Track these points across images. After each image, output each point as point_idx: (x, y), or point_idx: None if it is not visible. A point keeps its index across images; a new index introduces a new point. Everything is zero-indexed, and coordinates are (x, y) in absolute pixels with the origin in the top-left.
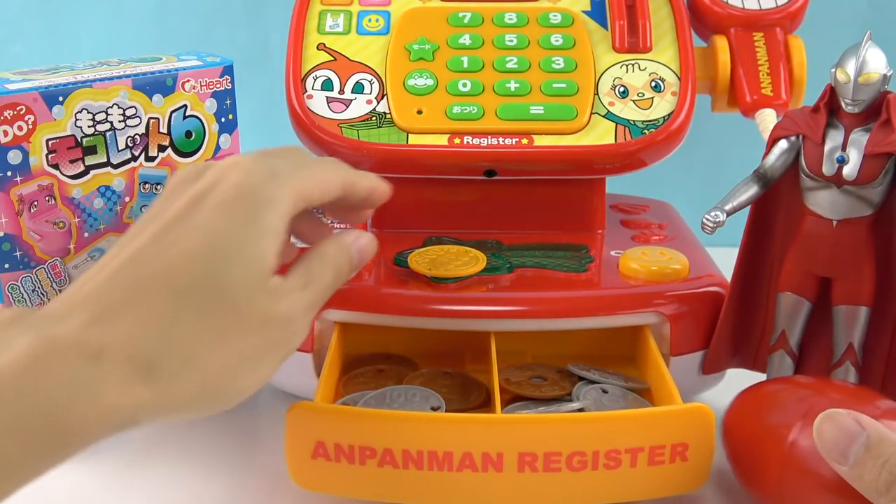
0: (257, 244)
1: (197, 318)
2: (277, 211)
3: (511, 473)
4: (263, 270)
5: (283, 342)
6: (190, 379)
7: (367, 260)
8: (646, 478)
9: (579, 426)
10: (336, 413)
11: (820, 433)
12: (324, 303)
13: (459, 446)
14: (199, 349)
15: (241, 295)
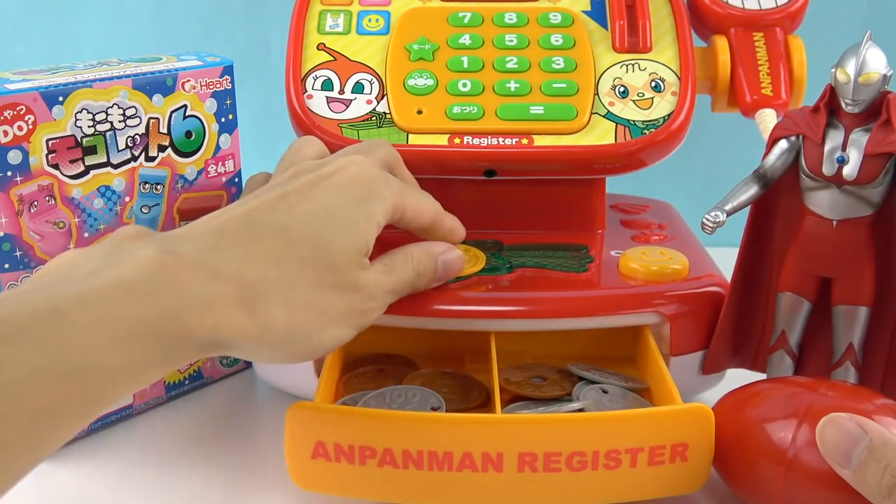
0: (363, 223)
1: (300, 267)
2: (382, 206)
3: (511, 473)
4: (361, 246)
5: (363, 311)
6: (283, 316)
7: (452, 274)
8: (646, 478)
9: (579, 426)
10: (336, 413)
11: (822, 437)
12: (402, 294)
13: (459, 446)
14: (296, 292)
15: (340, 257)
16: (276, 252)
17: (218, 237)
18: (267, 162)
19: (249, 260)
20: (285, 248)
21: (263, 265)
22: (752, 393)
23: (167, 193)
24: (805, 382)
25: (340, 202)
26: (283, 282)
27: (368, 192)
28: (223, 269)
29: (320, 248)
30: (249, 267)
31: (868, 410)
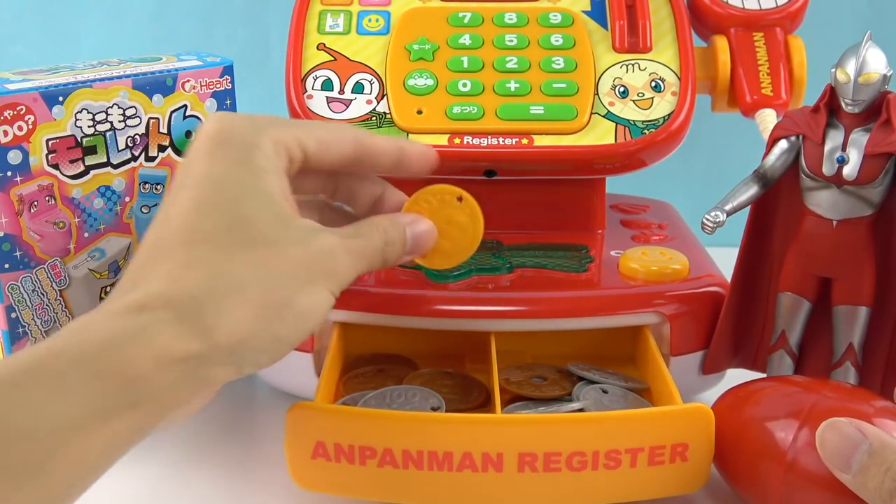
0: (259, 181)
1: (227, 255)
2: (263, 152)
3: (511, 473)
4: (277, 207)
5: (328, 273)
6: (240, 307)
7: (422, 248)
8: (646, 478)
9: (579, 426)
10: (336, 413)
11: (822, 442)
12: (372, 264)
13: (459, 446)
14: (239, 278)
15: (263, 227)
16: (195, 258)
17: (133, 276)
18: None
19: (169, 276)
20: (203, 247)
21: (187, 273)
22: (753, 392)
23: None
24: (805, 382)
25: (221, 171)
26: (218, 277)
27: (237, 146)
28: (147, 300)
29: (237, 226)
30: (171, 282)
31: (868, 413)
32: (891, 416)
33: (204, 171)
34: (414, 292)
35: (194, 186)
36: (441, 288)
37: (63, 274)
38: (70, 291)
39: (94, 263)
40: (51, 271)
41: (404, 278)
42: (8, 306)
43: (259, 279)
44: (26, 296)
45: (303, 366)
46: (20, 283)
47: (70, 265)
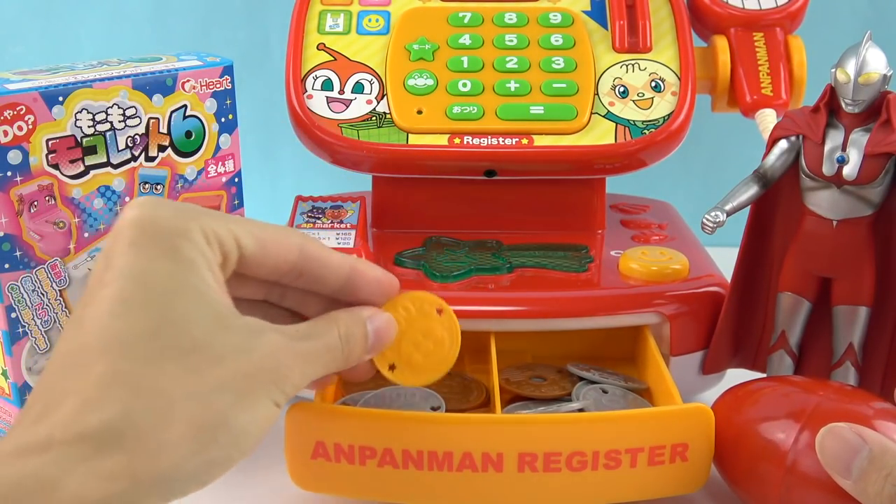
0: (189, 276)
1: (152, 367)
2: (193, 243)
3: (511, 473)
4: (211, 306)
5: (271, 381)
6: (170, 424)
7: (383, 344)
8: (646, 478)
9: (579, 426)
10: (336, 413)
11: (822, 447)
12: (329, 367)
13: (459, 446)
14: (166, 396)
15: (195, 331)
16: (114, 371)
17: (40, 403)
18: (267, 162)
19: (83, 399)
20: (122, 359)
21: (105, 394)
22: (754, 392)
23: (167, 193)
24: (805, 383)
25: (145, 265)
26: (143, 393)
27: (163, 235)
28: (53, 433)
29: (161, 333)
30: (87, 406)
31: (868, 415)
32: (891, 418)
33: (126, 265)
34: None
35: (115, 282)
36: (441, 288)
37: (63, 274)
38: (70, 291)
39: (94, 263)
40: (51, 271)
41: (405, 278)
42: (8, 306)
43: (189, 395)
44: (26, 296)
45: None
46: (20, 283)
47: (70, 265)
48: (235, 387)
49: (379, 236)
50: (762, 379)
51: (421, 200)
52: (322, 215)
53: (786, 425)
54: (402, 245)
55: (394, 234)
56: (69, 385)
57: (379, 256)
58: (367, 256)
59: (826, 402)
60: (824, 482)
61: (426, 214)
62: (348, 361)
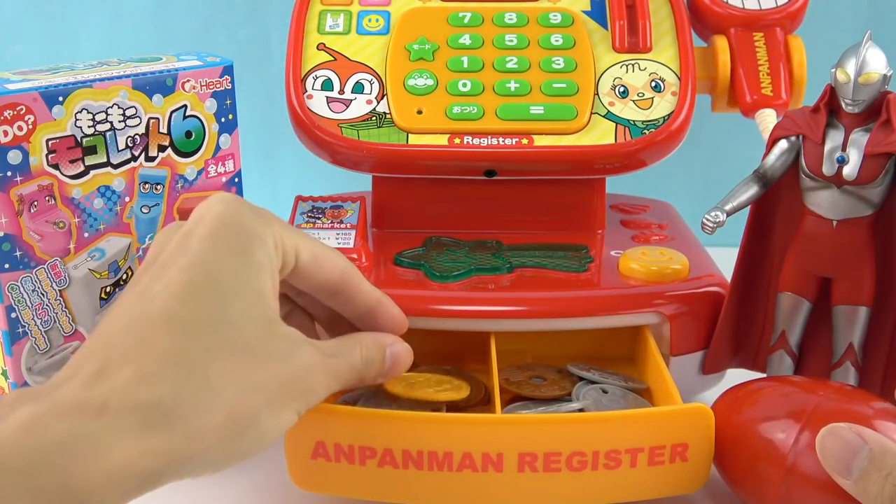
0: (254, 278)
1: (207, 355)
2: (265, 247)
3: (511, 473)
4: (266, 309)
5: (301, 392)
6: (211, 413)
7: (399, 369)
8: (646, 478)
9: (579, 426)
10: (336, 413)
11: (823, 448)
12: (346, 383)
13: (459, 446)
14: (212, 384)
15: (249, 331)
16: (172, 350)
17: (98, 362)
18: (267, 162)
19: (142, 371)
20: (182, 339)
21: (162, 370)
22: (754, 392)
23: (167, 193)
24: (805, 383)
25: (218, 258)
26: (194, 378)
27: (241, 234)
28: (111, 398)
29: (221, 326)
30: (145, 379)
31: (869, 415)
32: (891, 418)
33: (200, 252)
34: (414, 293)
35: (189, 269)
36: (441, 288)
37: (63, 274)
38: (70, 291)
39: (94, 263)
40: (51, 271)
41: (405, 278)
42: (8, 306)
43: (232, 389)
44: (26, 296)
45: None
46: (20, 283)
47: (70, 265)
48: (271, 391)
49: (379, 236)
50: (762, 379)
51: (421, 200)
52: (322, 215)
53: (786, 425)
54: (402, 245)
55: (394, 234)
56: (130, 353)
57: (379, 256)
58: (367, 256)
59: (826, 402)
60: (824, 482)
61: (426, 214)
62: (363, 381)
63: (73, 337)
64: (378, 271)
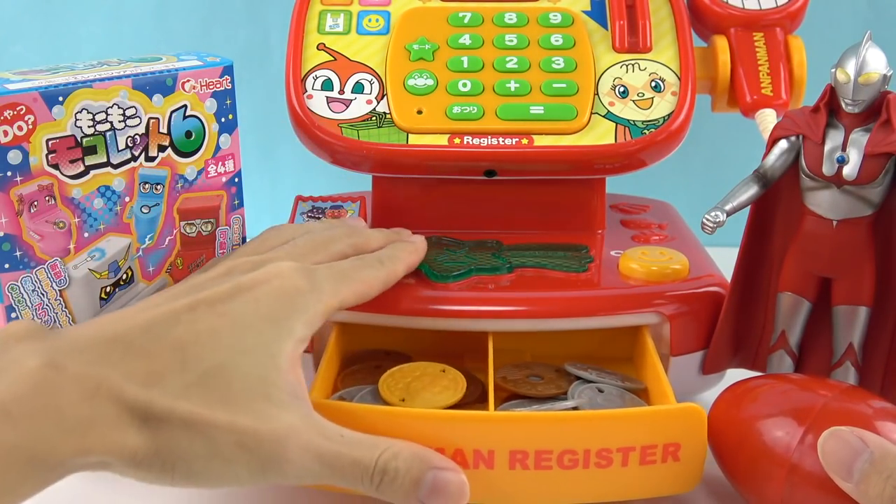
0: (274, 343)
1: (185, 391)
2: (306, 320)
3: (502, 470)
4: (266, 371)
5: (267, 459)
6: (184, 436)
7: (442, 499)
8: (637, 477)
9: (570, 424)
10: (333, 409)
11: (824, 451)
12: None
13: (451, 443)
14: (195, 414)
15: (235, 385)
16: (164, 372)
17: (108, 348)
18: (267, 162)
19: (143, 375)
20: (177, 369)
21: (148, 384)
22: (757, 389)
23: (167, 193)
24: (808, 382)
25: (252, 321)
26: (179, 402)
27: (290, 307)
28: (105, 387)
29: (211, 372)
30: (132, 385)
31: (869, 415)
32: (893, 418)
33: (240, 309)
34: (414, 292)
35: (219, 316)
36: (441, 288)
37: (63, 274)
38: (70, 291)
39: (94, 263)
40: (51, 271)
41: (404, 280)
42: (8, 306)
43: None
44: (26, 296)
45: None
46: (20, 283)
47: (70, 265)
48: (228, 451)
49: None
50: (765, 376)
51: (421, 200)
52: (322, 215)
53: (791, 424)
54: None
55: None
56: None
57: None
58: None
59: (834, 402)
60: (827, 482)
61: (426, 214)
62: (370, 491)
63: None
64: None
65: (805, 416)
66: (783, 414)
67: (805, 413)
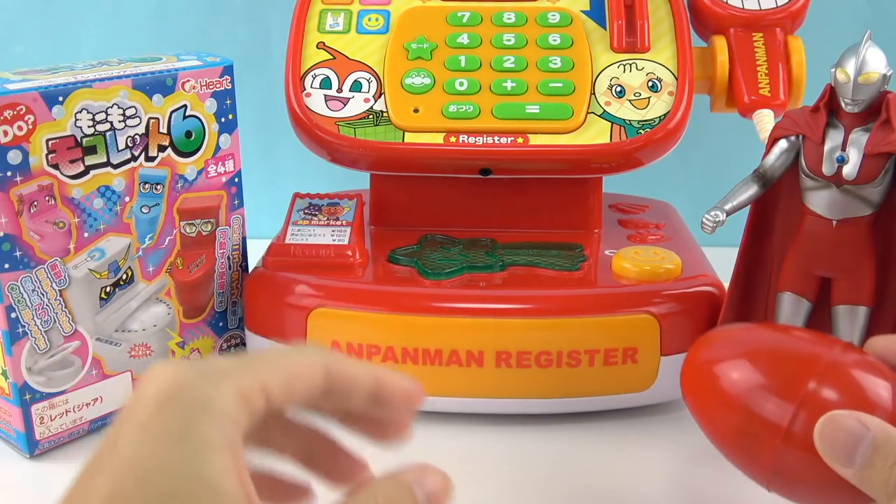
0: (197, 464)
1: None
2: (215, 415)
3: (490, 368)
4: (220, 498)
5: None
6: None
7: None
8: (602, 376)
9: (545, 330)
10: (348, 317)
11: (822, 436)
12: None
13: (448, 345)
14: None
15: None
16: None
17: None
18: (267, 161)
19: None
20: None
21: None
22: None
23: (167, 193)
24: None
25: (151, 451)
26: None
27: (183, 410)
28: None
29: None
30: None
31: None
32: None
33: (130, 452)
34: (406, 289)
35: (115, 472)
36: (433, 285)
37: (63, 274)
38: (70, 291)
39: (93, 263)
40: (51, 271)
41: (398, 275)
42: (8, 306)
43: None
44: (26, 296)
45: None
46: (20, 283)
47: (70, 265)
48: None
49: (377, 233)
50: (757, 326)
51: (417, 198)
52: (318, 212)
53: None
54: (398, 242)
55: (391, 232)
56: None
57: (376, 253)
58: (362, 253)
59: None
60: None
61: (423, 212)
62: None
63: (72, 337)
64: (373, 268)
65: (799, 385)
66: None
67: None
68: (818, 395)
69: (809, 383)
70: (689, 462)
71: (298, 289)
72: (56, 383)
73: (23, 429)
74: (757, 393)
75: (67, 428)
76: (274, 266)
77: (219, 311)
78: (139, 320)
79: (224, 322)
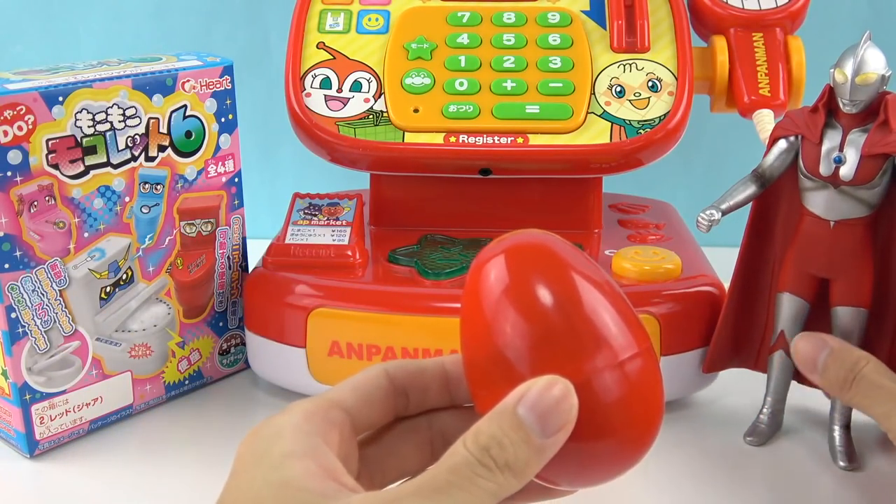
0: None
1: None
2: (286, 434)
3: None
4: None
5: None
6: None
7: (561, 427)
8: None
9: None
10: (348, 317)
11: (797, 350)
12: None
13: (448, 345)
14: None
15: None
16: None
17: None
18: (267, 162)
19: None
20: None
21: None
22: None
23: (167, 193)
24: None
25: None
26: None
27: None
28: None
29: None
30: None
31: None
32: None
33: (226, 497)
34: (406, 289)
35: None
36: (433, 285)
37: (63, 274)
38: (70, 291)
39: (94, 263)
40: (51, 271)
41: (398, 275)
42: (8, 306)
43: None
44: (26, 296)
45: (297, 362)
46: (20, 283)
47: (70, 265)
48: None
49: (377, 233)
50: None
51: (417, 198)
52: (318, 212)
53: None
54: (398, 242)
55: (391, 232)
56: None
57: (376, 253)
58: (362, 253)
59: None
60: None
61: (423, 212)
62: (508, 484)
63: (72, 337)
64: (373, 268)
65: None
66: None
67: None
68: None
69: None
70: (688, 462)
71: (298, 289)
72: (56, 383)
73: (23, 429)
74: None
75: (67, 428)
76: (274, 266)
77: (219, 311)
78: (139, 320)
79: (224, 322)
